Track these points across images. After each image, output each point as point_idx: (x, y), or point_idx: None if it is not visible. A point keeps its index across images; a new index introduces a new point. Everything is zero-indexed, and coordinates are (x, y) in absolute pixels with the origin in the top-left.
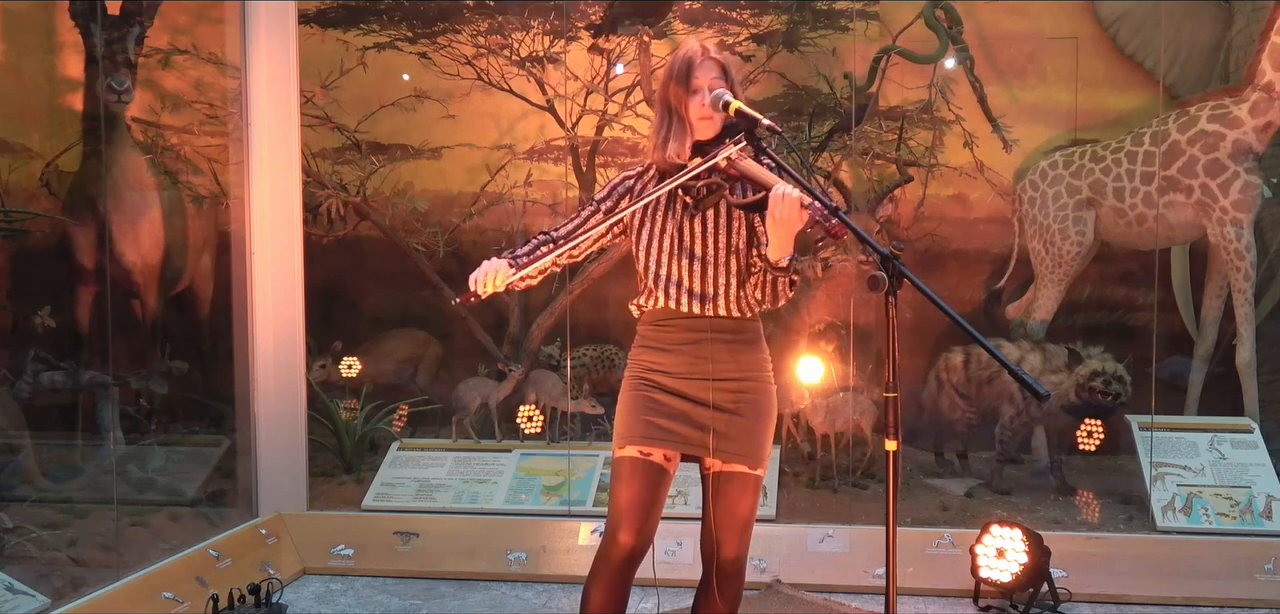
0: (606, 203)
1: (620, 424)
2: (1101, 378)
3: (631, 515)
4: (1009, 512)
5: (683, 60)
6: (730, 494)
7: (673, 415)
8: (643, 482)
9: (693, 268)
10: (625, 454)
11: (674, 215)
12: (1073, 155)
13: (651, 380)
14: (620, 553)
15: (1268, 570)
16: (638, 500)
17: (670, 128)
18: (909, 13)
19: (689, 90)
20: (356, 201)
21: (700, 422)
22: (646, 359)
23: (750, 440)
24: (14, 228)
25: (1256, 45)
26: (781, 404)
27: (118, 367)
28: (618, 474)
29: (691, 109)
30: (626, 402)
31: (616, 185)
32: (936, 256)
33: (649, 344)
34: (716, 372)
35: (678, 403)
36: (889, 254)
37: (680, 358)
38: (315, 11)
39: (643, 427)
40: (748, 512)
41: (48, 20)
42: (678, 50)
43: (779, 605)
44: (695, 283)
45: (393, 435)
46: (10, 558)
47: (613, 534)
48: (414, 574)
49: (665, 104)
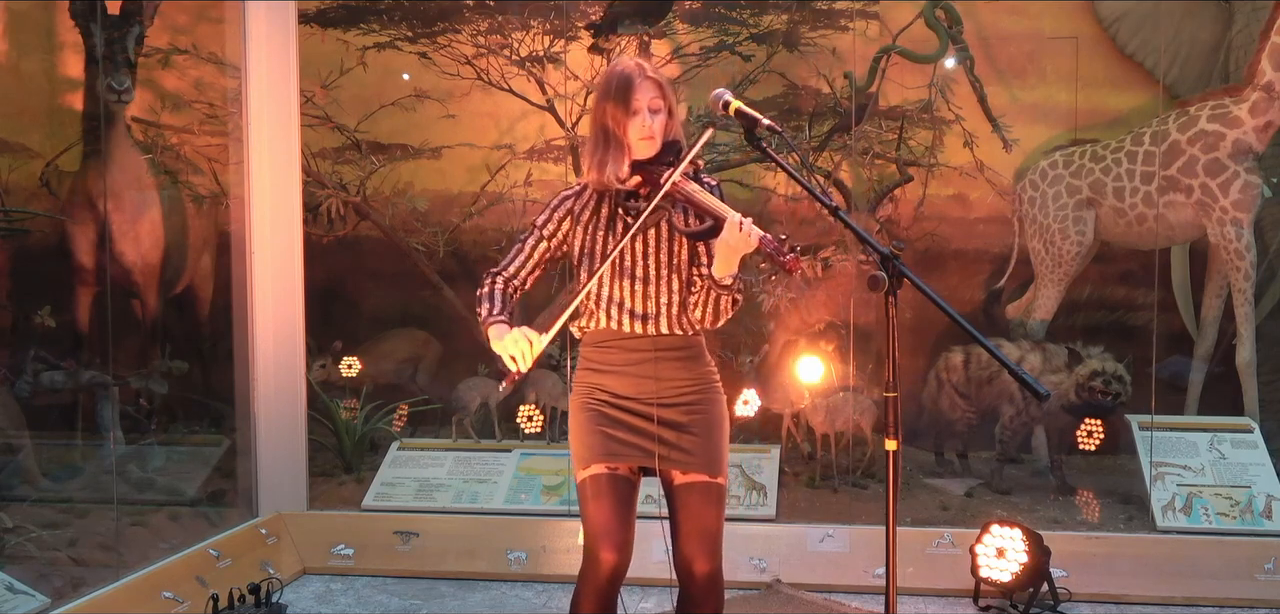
0: (548, 226)
1: (579, 446)
2: (1101, 378)
3: (609, 532)
4: (1009, 511)
5: (620, 80)
6: (692, 504)
7: (628, 431)
8: (615, 495)
9: (634, 289)
10: (592, 472)
11: (614, 236)
12: (1073, 155)
13: (600, 399)
14: (604, 571)
15: (1268, 570)
16: (613, 515)
17: (608, 149)
18: (909, 13)
19: (628, 111)
20: (356, 201)
21: (652, 437)
22: (592, 382)
23: (706, 451)
24: (14, 228)
25: (1256, 45)
26: (782, 404)
27: (118, 366)
28: (588, 494)
29: (631, 130)
30: (580, 424)
31: (556, 208)
32: (936, 256)
33: (593, 366)
34: (660, 391)
35: (629, 419)
36: (889, 254)
37: (624, 379)
38: (315, 11)
39: (603, 442)
40: (713, 522)
41: (48, 20)
42: (611, 68)
43: (779, 605)
44: (636, 303)
45: (393, 435)
46: (10, 558)
47: (594, 555)
48: (414, 574)
49: (602, 126)
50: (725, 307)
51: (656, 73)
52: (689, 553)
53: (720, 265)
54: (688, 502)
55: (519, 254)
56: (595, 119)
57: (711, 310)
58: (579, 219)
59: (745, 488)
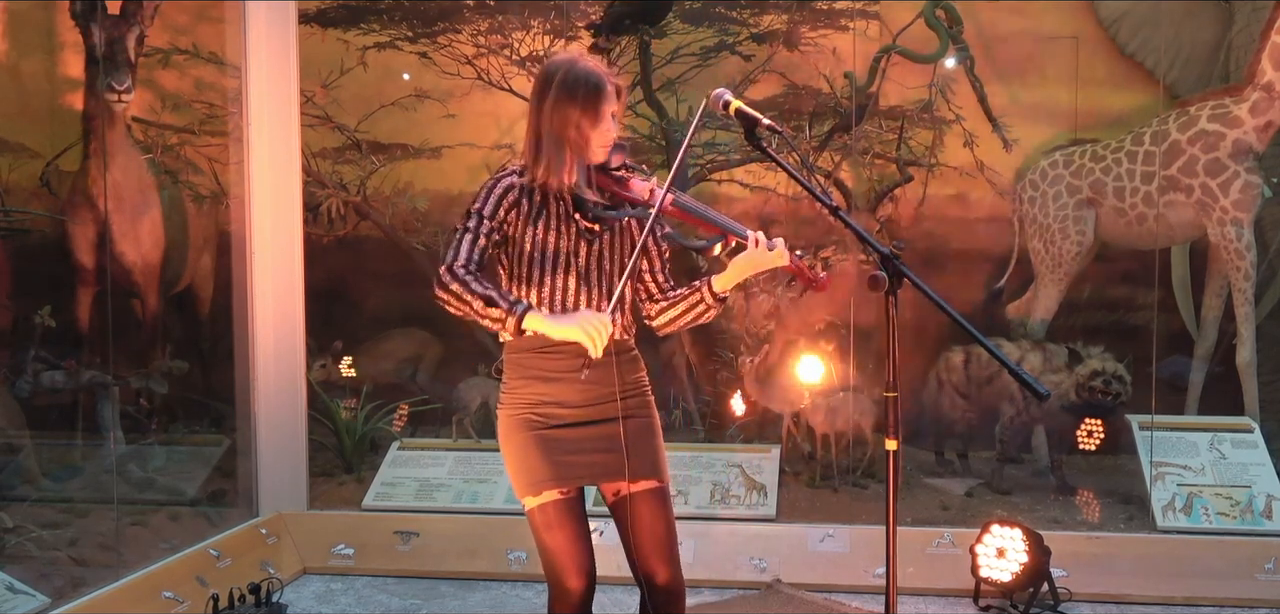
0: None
1: (526, 470)
2: (1101, 378)
3: (573, 560)
4: (1009, 511)
5: (590, 87)
6: (645, 514)
7: (577, 448)
8: (573, 520)
9: (588, 293)
10: (547, 500)
11: (567, 238)
12: (1073, 155)
13: (543, 415)
14: (575, 600)
15: (1268, 570)
16: (575, 542)
17: (563, 152)
18: (909, 13)
19: (596, 119)
20: (356, 201)
21: (601, 448)
22: (533, 392)
23: (650, 454)
24: (14, 228)
25: (1256, 45)
26: (781, 404)
27: (118, 366)
28: (545, 523)
29: (595, 137)
30: (523, 443)
31: (501, 198)
32: (936, 256)
33: (532, 374)
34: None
35: (576, 433)
36: (889, 254)
37: (570, 387)
38: (315, 11)
39: (553, 467)
40: (668, 528)
41: (48, 20)
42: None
43: (779, 605)
44: (588, 307)
45: (393, 435)
46: (10, 558)
47: (561, 585)
48: (414, 574)
49: (559, 129)
50: (705, 319)
51: (619, 77)
52: (651, 565)
53: (728, 279)
54: (640, 511)
55: (473, 242)
56: (550, 119)
57: (686, 320)
58: (524, 213)
59: (745, 488)
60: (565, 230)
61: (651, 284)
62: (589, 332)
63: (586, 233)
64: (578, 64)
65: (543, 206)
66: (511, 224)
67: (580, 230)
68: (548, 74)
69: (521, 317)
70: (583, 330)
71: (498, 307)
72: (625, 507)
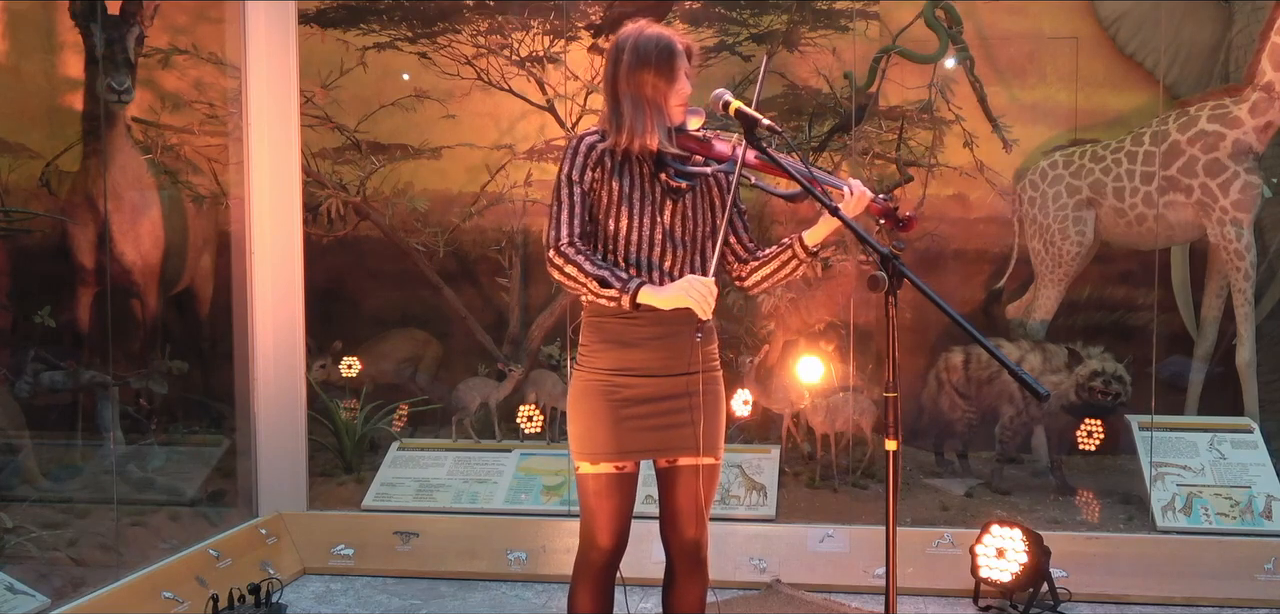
0: (587, 176)
1: (589, 437)
2: (1101, 378)
3: (611, 525)
4: (1009, 512)
5: (663, 50)
6: (692, 485)
7: (646, 424)
8: (622, 495)
9: (677, 255)
10: (602, 471)
11: (653, 200)
12: (1073, 155)
13: (619, 383)
14: (603, 558)
15: (1268, 570)
16: (618, 511)
17: (646, 116)
18: (909, 13)
19: (672, 80)
20: (356, 201)
21: (678, 421)
22: (613, 356)
23: (713, 432)
24: (14, 228)
25: (1256, 45)
26: (782, 404)
27: (118, 367)
28: (595, 490)
29: (672, 98)
30: (593, 411)
31: (585, 157)
32: (936, 256)
33: (613, 339)
34: (690, 364)
35: (647, 410)
36: (889, 254)
37: (653, 353)
38: (315, 11)
39: (617, 442)
40: (707, 499)
41: (48, 20)
42: (641, 33)
43: (779, 605)
44: (676, 270)
45: (393, 435)
46: (10, 558)
47: (593, 541)
48: (414, 574)
49: (638, 92)
50: (797, 276)
51: (688, 40)
52: (682, 524)
53: (820, 233)
54: (689, 482)
55: (572, 212)
56: (626, 84)
57: (779, 276)
58: (607, 171)
59: (745, 488)
60: (650, 190)
61: (739, 247)
62: (695, 297)
63: (672, 192)
64: (646, 30)
65: (625, 166)
66: (598, 181)
67: (666, 189)
68: (619, 46)
69: (635, 294)
70: (691, 296)
71: (612, 286)
72: (676, 475)
